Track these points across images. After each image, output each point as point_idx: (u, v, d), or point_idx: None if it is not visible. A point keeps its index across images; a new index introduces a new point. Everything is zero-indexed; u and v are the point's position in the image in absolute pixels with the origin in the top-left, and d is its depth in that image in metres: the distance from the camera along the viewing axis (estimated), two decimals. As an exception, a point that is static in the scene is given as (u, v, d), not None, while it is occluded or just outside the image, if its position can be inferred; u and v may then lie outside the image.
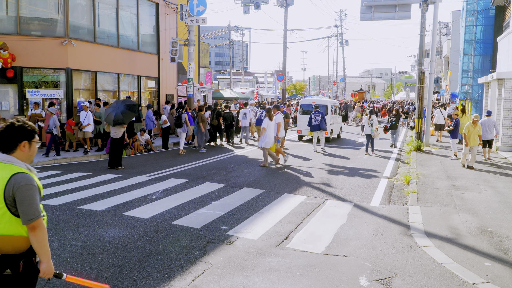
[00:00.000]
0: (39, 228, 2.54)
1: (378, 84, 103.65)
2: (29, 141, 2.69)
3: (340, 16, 48.35)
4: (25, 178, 2.57)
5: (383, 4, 16.82)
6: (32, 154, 2.74)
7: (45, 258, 2.59)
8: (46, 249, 2.59)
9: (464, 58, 25.34)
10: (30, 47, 14.94)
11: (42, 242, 2.56)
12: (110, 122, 11.31)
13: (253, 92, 37.54)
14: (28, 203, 2.53)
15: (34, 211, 2.54)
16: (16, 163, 2.63)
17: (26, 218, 2.53)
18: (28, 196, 2.54)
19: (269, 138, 11.80)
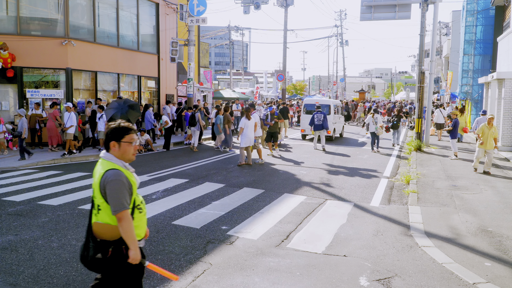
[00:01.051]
0: (123, 219, 2.79)
1: (378, 84, 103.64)
2: (117, 141, 2.95)
3: (340, 16, 48.34)
4: (114, 174, 2.85)
5: (383, 4, 16.82)
6: (123, 153, 2.98)
7: (132, 246, 2.84)
8: (132, 238, 2.83)
9: (464, 58, 25.36)
10: (30, 47, 14.95)
11: (127, 232, 2.81)
12: None
13: (253, 92, 37.56)
14: (114, 196, 2.80)
15: (119, 203, 2.79)
16: (113, 160, 2.94)
17: (112, 210, 2.82)
18: (114, 190, 2.81)
19: (248, 138, 11.91)
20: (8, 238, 5.79)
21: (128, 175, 2.92)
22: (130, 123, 3.07)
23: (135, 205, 2.97)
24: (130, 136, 2.98)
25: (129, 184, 2.90)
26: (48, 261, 4.99)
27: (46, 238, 5.79)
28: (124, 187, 2.84)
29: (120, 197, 2.80)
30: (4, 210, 7.15)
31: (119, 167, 2.91)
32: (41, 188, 8.90)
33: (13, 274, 4.65)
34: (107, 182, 2.83)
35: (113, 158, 2.95)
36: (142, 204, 3.06)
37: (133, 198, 2.93)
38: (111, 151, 2.97)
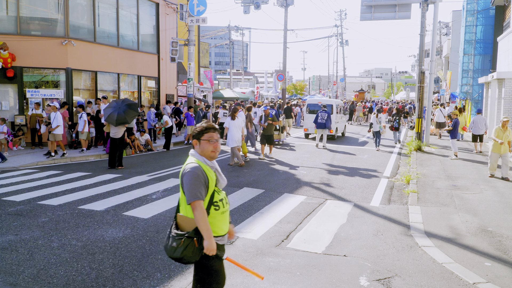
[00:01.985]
0: (196, 209, 2.92)
1: (378, 84, 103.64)
2: (198, 139, 3.14)
3: (340, 16, 48.32)
4: (191, 167, 3.02)
5: (383, 4, 16.81)
6: (203, 149, 3.12)
7: (206, 236, 2.93)
8: (205, 228, 2.93)
9: (464, 58, 25.36)
10: (30, 47, 14.95)
11: (200, 222, 2.91)
12: (112, 122, 11.22)
13: (253, 92, 37.54)
14: (188, 187, 2.95)
15: (192, 194, 2.93)
16: (195, 156, 3.14)
17: (187, 199, 2.96)
18: (188, 181, 2.96)
19: (232, 138, 11.85)
20: (8, 238, 5.79)
21: (206, 170, 3.04)
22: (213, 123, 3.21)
23: (212, 202, 3.06)
24: (209, 134, 3.13)
25: (205, 177, 3.01)
26: (48, 261, 4.99)
27: (46, 238, 5.79)
28: (198, 179, 2.96)
29: (193, 188, 2.93)
30: (4, 210, 7.15)
31: (199, 162, 3.07)
32: (41, 188, 8.90)
33: (13, 274, 4.65)
34: (183, 174, 3.03)
35: (196, 154, 3.14)
36: (221, 202, 3.11)
37: (210, 193, 3.03)
38: (195, 149, 3.18)
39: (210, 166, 3.11)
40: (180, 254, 2.97)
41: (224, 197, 3.17)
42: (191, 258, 3.00)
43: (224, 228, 3.15)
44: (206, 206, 3.01)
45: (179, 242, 2.98)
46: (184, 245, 2.96)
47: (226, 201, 3.19)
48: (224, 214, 3.13)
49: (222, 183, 3.18)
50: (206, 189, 3.00)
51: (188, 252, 2.96)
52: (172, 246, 3.02)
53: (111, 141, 11.55)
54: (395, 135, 18.08)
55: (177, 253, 2.99)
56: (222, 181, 3.18)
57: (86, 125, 13.68)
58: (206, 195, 3.00)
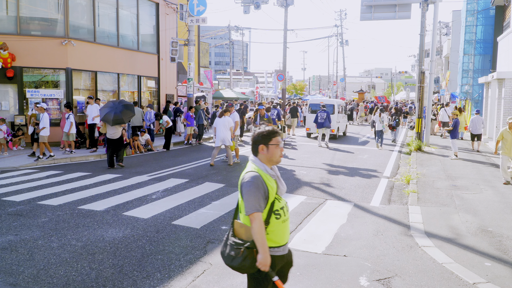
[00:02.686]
0: (254, 222, 2.81)
1: (378, 84, 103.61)
2: (265, 144, 2.98)
3: (340, 16, 48.30)
4: (250, 176, 2.89)
5: (383, 4, 16.82)
6: (271, 155, 2.99)
7: (261, 249, 2.82)
8: (261, 242, 2.81)
9: (464, 58, 25.35)
10: (30, 47, 14.95)
11: (256, 235, 2.80)
12: (109, 121, 11.24)
13: (253, 92, 37.52)
14: (246, 197, 2.85)
15: (250, 205, 2.82)
16: (256, 163, 3.00)
17: (245, 210, 2.86)
18: (247, 191, 2.85)
19: (219, 136, 11.77)
20: (8, 238, 5.79)
21: (266, 179, 2.92)
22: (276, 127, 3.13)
23: (273, 210, 2.94)
24: (276, 138, 3.01)
25: (265, 187, 2.89)
26: (48, 261, 4.99)
27: (46, 238, 5.79)
28: (258, 190, 2.84)
29: (252, 199, 2.82)
30: (4, 210, 7.15)
31: (259, 170, 2.94)
32: (41, 188, 8.90)
33: (13, 274, 4.65)
34: (242, 183, 2.92)
35: (257, 161, 3.00)
36: (281, 210, 2.98)
37: (270, 201, 2.91)
38: (259, 155, 3.01)
39: (271, 174, 2.99)
40: (238, 264, 2.89)
41: (284, 205, 3.04)
42: (248, 269, 2.91)
43: (285, 237, 3.03)
44: (267, 215, 2.91)
45: (238, 252, 2.89)
46: (243, 255, 2.87)
47: (287, 208, 3.07)
48: (285, 223, 3.01)
49: (283, 190, 3.06)
50: (266, 199, 2.89)
51: (246, 262, 2.87)
52: (230, 254, 2.94)
53: (108, 142, 11.57)
54: (392, 134, 18.94)
55: (235, 262, 2.91)
56: (283, 188, 3.06)
57: (73, 126, 13.32)
58: (265, 205, 2.89)
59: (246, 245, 2.87)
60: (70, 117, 13.34)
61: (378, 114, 16.97)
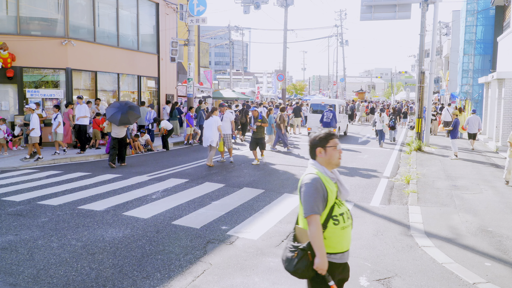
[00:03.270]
0: (310, 224, 2.78)
1: (378, 84, 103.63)
2: (323, 147, 2.97)
3: (340, 16, 48.31)
4: (309, 178, 2.87)
5: (383, 4, 16.82)
6: (330, 157, 2.97)
7: (318, 253, 2.76)
8: (318, 245, 2.76)
9: (464, 58, 25.35)
10: (30, 47, 14.94)
11: (313, 238, 2.76)
12: (115, 122, 11.53)
13: (253, 92, 37.52)
14: (304, 199, 2.83)
15: (308, 207, 2.79)
16: (315, 166, 2.98)
17: (303, 212, 2.83)
18: (305, 193, 2.83)
19: (205, 137, 11.75)
20: (8, 238, 5.79)
21: (325, 182, 2.88)
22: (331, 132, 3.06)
23: (332, 215, 2.87)
24: (333, 140, 3.00)
25: (324, 190, 2.84)
26: (48, 261, 4.99)
27: (46, 238, 5.79)
28: (317, 192, 2.81)
29: (310, 201, 2.79)
30: (4, 210, 7.15)
31: (318, 172, 2.91)
32: (41, 188, 8.90)
33: (13, 274, 4.65)
34: (301, 185, 2.89)
35: (316, 164, 2.98)
36: (341, 216, 2.90)
37: (330, 206, 2.86)
38: (318, 157, 3.00)
39: (331, 177, 2.95)
40: (294, 266, 2.83)
41: (345, 211, 2.96)
42: (304, 273, 2.83)
43: (344, 245, 2.93)
44: (324, 220, 2.85)
45: (293, 254, 2.85)
46: (298, 257, 2.82)
47: (348, 215, 2.98)
48: (345, 230, 2.92)
49: (345, 194, 3.01)
50: (325, 202, 2.84)
51: (302, 265, 2.81)
52: (286, 257, 2.90)
53: (113, 141, 11.78)
54: (390, 133, 19.33)
55: (290, 265, 2.85)
56: (345, 192, 3.00)
57: (61, 126, 13.13)
58: (324, 208, 2.84)
59: (301, 247, 2.83)
60: (58, 117, 13.11)
61: (378, 113, 17.68)
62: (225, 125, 12.51)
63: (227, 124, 12.56)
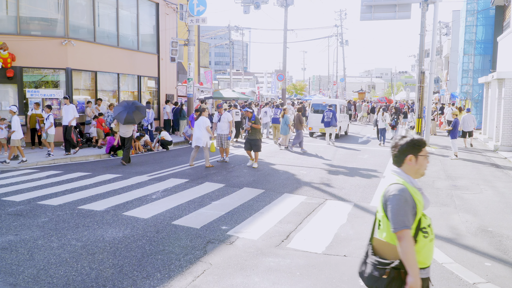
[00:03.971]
0: (403, 240, 2.56)
1: (378, 84, 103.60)
2: (415, 155, 2.76)
3: (340, 16, 48.31)
4: (397, 189, 2.65)
5: (383, 4, 16.82)
6: (419, 167, 2.78)
7: (411, 271, 2.55)
8: (413, 263, 2.55)
9: (464, 58, 25.36)
10: (30, 47, 14.95)
11: (405, 255, 2.55)
12: (121, 120, 12.00)
13: (253, 92, 37.53)
14: (394, 212, 2.60)
15: (399, 221, 2.57)
16: (400, 175, 2.76)
17: (392, 227, 2.61)
18: (394, 206, 2.60)
19: (194, 137, 11.78)
20: (8, 238, 5.79)
21: (413, 193, 2.68)
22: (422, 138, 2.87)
23: (420, 227, 2.68)
24: (425, 149, 2.82)
25: (413, 202, 2.65)
26: (48, 261, 4.99)
27: (46, 238, 5.79)
28: (407, 204, 2.61)
29: (401, 214, 2.58)
30: (4, 210, 7.15)
31: (405, 182, 2.71)
32: (41, 188, 8.90)
33: (13, 274, 4.65)
34: (388, 196, 2.67)
35: (401, 173, 2.77)
36: (429, 228, 2.73)
37: (417, 218, 2.67)
38: (405, 166, 2.78)
39: (417, 187, 2.74)
40: (385, 286, 2.62)
41: (430, 222, 2.79)
42: None
43: (430, 257, 2.75)
44: (414, 233, 2.65)
45: (383, 272, 2.63)
46: (390, 277, 2.60)
47: (432, 226, 2.81)
48: (432, 242, 2.74)
49: (427, 204, 2.80)
50: (414, 215, 2.64)
51: (393, 285, 2.60)
52: (372, 275, 2.69)
53: (121, 140, 12.48)
54: (392, 132, 19.45)
55: (379, 284, 2.65)
56: (426, 202, 2.80)
57: (52, 127, 12.96)
58: (414, 222, 2.65)
59: (393, 265, 2.61)
60: (49, 117, 12.97)
61: (381, 113, 17.85)
62: (223, 126, 12.53)
63: (224, 124, 12.56)
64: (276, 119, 18.15)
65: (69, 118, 13.52)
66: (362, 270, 2.81)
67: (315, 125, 19.55)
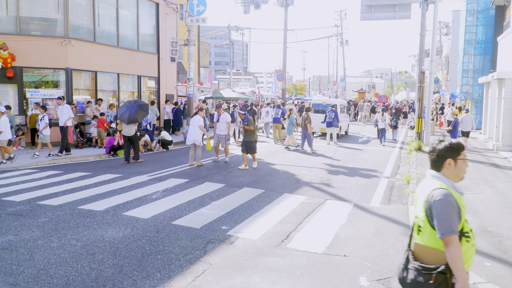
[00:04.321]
0: (451, 245, 2.52)
1: (378, 84, 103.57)
2: (454, 159, 2.75)
3: (340, 16, 48.32)
4: (442, 194, 2.62)
5: (383, 4, 16.81)
6: (459, 171, 2.76)
7: (460, 277, 2.52)
8: (460, 268, 2.52)
9: (464, 58, 25.36)
10: (30, 47, 14.95)
11: (454, 260, 2.52)
12: (124, 120, 12.27)
13: (253, 92, 37.52)
14: (441, 218, 2.56)
15: (447, 226, 2.53)
16: (441, 179, 2.74)
17: (439, 233, 2.56)
18: (441, 211, 2.57)
19: (191, 136, 11.82)
20: (8, 238, 5.79)
21: (457, 197, 2.65)
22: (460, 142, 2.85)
23: (463, 232, 2.66)
24: (464, 152, 2.80)
25: (458, 207, 2.61)
26: (48, 261, 4.99)
27: (46, 238, 5.79)
28: (453, 209, 2.58)
29: (448, 219, 2.54)
30: (4, 210, 7.15)
31: (448, 187, 2.68)
32: (41, 188, 8.90)
33: (13, 274, 4.65)
34: (433, 201, 2.62)
35: (442, 177, 2.75)
36: (471, 232, 2.71)
37: (461, 223, 2.63)
38: (445, 170, 2.77)
39: (460, 192, 2.72)
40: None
41: (471, 226, 2.77)
42: None
43: (471, 263, 2.75)
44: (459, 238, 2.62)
45: (429, 278, 2.59)
46: (436, 281, 2.57)
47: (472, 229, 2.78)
48: (474, 247, 2.75)
49: None
50: (459, 220, 2.60)
51: None
52: (417, 281, 2.64)
53: (124, 138, 12.62)
54: (393, 133, 19.89)
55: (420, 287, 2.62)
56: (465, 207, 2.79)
57: (48, 127, 12.90)
58: (459, 227, 2.60)
59: (439, 270, 2.57)
60: (44, 117, 12.89)
61: (381, 113, 18.18)
62: (221, 126, 12.60)
63: (223, 125, 12.61)
64: (277, 119, 18.17)
65: (64, 118, 13.41)
66: (403, 276, 2.78)
67: (316, 125, 19.62)
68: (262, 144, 17.92)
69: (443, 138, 2.88)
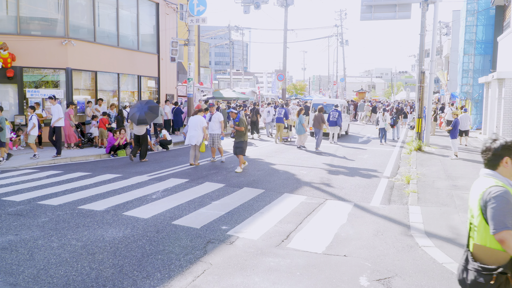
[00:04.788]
0: (505, 242, 2.50)
1: (378, 84, 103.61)
2: (510, 157, 2.72)
3: (340, 16, 48.35)
4: (498, 191, 2.60)
5: (383, 4, 16.81)
6: None
7: None
8: None
9: (464, 58, 25.35)
10: (30, 47, 14.95)
11: None
12: (134, 121, 12.56)
13: (254, 92, 37.53)
14: (495, 213, 2.54)
15: (499, 222, 2.51)
16: (497, 177, 2.73)
17: (492, 228, 2.55)
18: (496, 207, 2.55)
19: (192, 136, 11.81)
20: (8, 238, 5.79)
21: None
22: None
23: None
24: None
25: None
26: (48, 261, 4.99)
27: (46, 238, 5.78)
28: (508, 206, 2.55)
29: (502, 215, 2.52)
30: (4, 210, 7.15)
31: (504, 185, 2.67)
32: (41, 188, 8.90)
33: (13, 274, 4.64)
34: (489, 198, 2.61)
35: (498, 175, 2.74)
36: None
37: None
38: (501, 168, 2.75)
39: None
40: None
41: None
42: None
43: None
44: None
45: (490, 278, 2.57)
46: (498, 282, 2.54)
47: None
48: None
49: None
50: None
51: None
52: (478, 281, 2.62)
53: (135, 137, 12.85)
54: (393, 132, 20.28)
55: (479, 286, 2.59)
56: None
57: (36, 128, 12.80)
58: None
59: (499, 270, 2.54)
60: (32, 118, 12.74)
61: (382, 113, 18.62)
62: (214, 126, 12.56)
63: (215, 124, 12.58)
64: (280, 119, 18.24)
65: (53, 119, 13.09)
66: (463, 278, 2.76)
67: None
68: (263, 143, 18.00)
69: (496, 136, 2.86)
